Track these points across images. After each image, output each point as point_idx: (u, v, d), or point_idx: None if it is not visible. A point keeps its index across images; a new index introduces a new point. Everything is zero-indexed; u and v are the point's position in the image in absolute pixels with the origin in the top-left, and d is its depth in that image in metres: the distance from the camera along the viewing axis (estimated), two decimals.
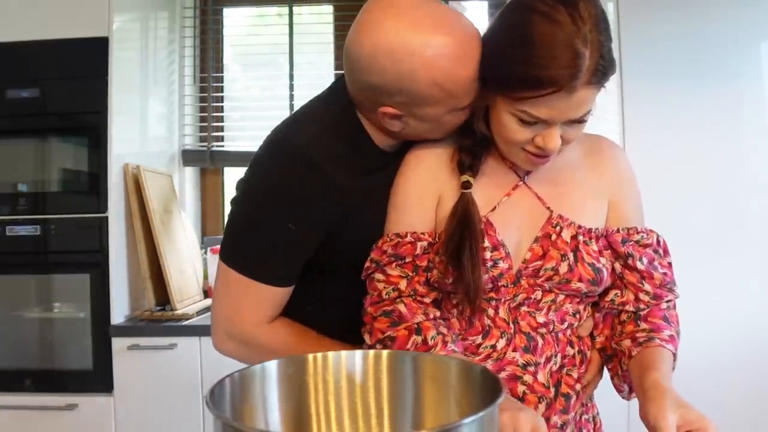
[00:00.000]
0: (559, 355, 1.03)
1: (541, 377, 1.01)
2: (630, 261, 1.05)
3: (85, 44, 2.26)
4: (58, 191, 2.28)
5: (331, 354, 0.81)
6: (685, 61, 2.21)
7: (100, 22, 2.26)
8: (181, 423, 2.21)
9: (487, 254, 1.00)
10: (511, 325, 1.02)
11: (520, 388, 1.00)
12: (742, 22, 2.23)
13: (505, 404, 0.86)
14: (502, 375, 1.00)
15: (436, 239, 1.03)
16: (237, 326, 1.12)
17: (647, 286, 1.05)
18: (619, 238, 1.05)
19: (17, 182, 2.28)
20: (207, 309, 2.51)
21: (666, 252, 1.09)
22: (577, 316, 1.06)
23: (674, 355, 1.01)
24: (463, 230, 0.99)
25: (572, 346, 1.05)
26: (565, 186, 1.06)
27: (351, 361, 0.81)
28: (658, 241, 1.08)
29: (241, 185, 1.14)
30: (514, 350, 1.01)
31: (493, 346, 1.01)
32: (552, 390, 1.01)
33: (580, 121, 0.95)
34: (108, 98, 2.25)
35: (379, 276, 1.05)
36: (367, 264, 1.07)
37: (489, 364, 1.00)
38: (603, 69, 0.89)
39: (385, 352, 0.83)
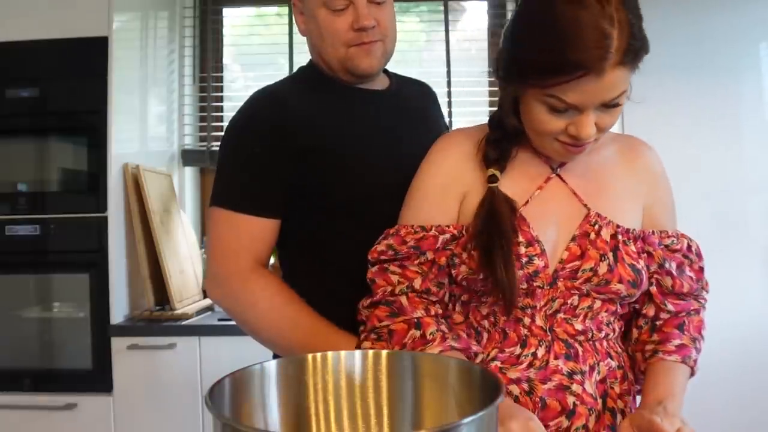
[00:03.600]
0: (602, 363, 1.00)
1: (589, 387, 0.97)
2: (666, 265, 1.03)
3: (85, 44, 2.26)
4: (57, 191, 2.28)
5: (330, 354, 0.80)
6: (685, 61, 2.21)
7: (100, 22, 2.26)
8: (181, 423, 2.21)
9: (522, 249, 0.96)
10: (548, 333, 0.98)
11: (570, 400, 0.95)
12: (742, 23, 2.23)
13: (508, 410, 0.85)
14: (549, 386, 0.95)
15: (462, 233, 1.01)
16: (223, 267, 1.16)
17: (669, 306, 1.04)
18: (655, 240, 1.03)
19: (17, 182, 2.28)
20: (206, 309, 2.51)
21: (699, 256, 1.07)
22: (611, 326, 1.03)
23: (684, 362, 1.01)
24: (491, 227, 0.96)
25: (612, 359, 1.02)
26: (600, 183, 1.03)
27: (350, 360, 0.81)
28: (689, 247, 1.06)
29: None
30: (556, 358, 0.97)
31: (534, 354, 0.97)
32: (599, 402, 0.98)
33: (614, 105, 0.91)
34: (108, 98, 2.25)
35: (394, 269, 1.03)
36: (383, 248, 1.04)
37: (532, 373, 0.96)
38: (634, 48, 0.86)
39: (384, 352, 0.82)
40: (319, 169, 1.17)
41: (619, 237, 0.99)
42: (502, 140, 1.01)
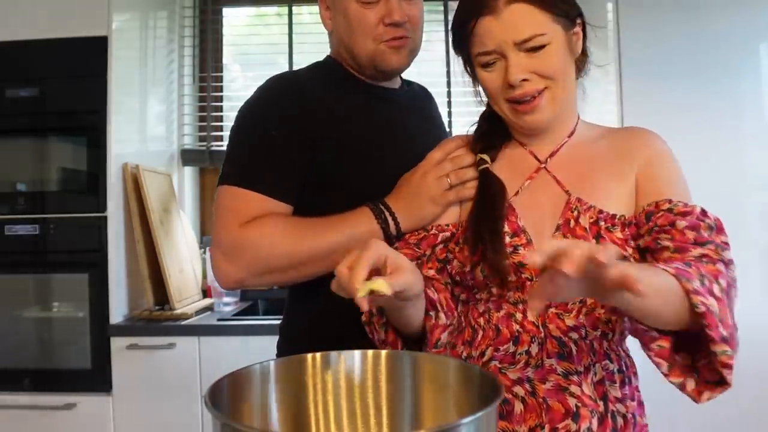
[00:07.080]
0: (598, 365, 0.94)
1: (587, 389, 0.92)
2: (660, 240, 0.91)
3: (84, 43, 2.26)
4: (57, 191, 2.28)
5: (330, 354, 0.80)
6: (685, 62, 2.21)
7: (100, 22, 2.26)
8: (180, 423, 2.21)
9: (507, 239, 0.96)
10: (541, 330, 0.95)
11: (571, 402, 0.91)
12: (742, 23, 2.23)
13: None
14: (548, 386, 0.92)
15: (459, 230, 1.04)
16: (228, 235, 1.09)
17: (669, 244, 0.90)
18: (643, 216, 0.94)
19: (16, 182, 2.28)
20: (206, 309, 2.51)
21: (720, 230, 0.92)
22: (610, 325, 0.96)
23: (678, 278, 0.78)
24: (482, 207, 0.99)
25: (611, 361, 0.96)
26: (585, 170, 1.01)
27: (350, 361, 0.81)
28: (704, 213, 0.92)
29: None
30: (549, 357, 0.94)
31: (528, 352, 0.94)
32: (601, 404, 0.93)
33: (538, 47, 0.95)
34: (107, 98, 2.25)
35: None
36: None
37: (530, 373, 0.94)
38: None
39: (384, 352, 0.82)
40: (338, 160, 1.15)
41: (601, 223, 0.95)
42: (487, 133, 1.08)
